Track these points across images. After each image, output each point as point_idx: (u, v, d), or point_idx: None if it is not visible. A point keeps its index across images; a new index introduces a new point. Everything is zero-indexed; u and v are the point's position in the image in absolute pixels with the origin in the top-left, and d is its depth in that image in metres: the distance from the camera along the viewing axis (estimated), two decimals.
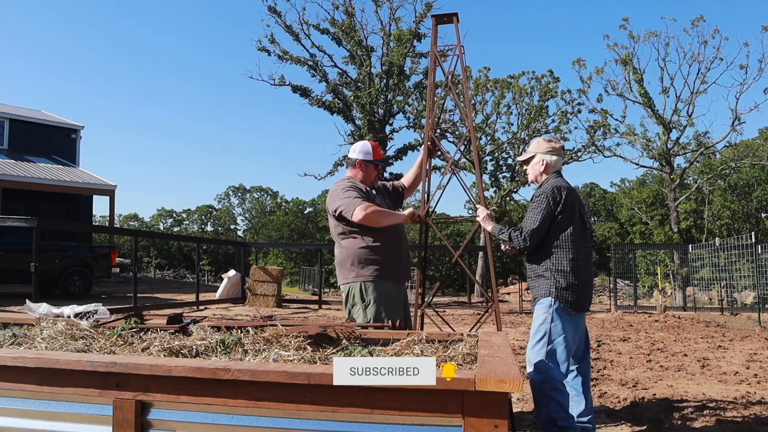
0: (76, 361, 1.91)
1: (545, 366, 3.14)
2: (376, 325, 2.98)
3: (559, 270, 3.23)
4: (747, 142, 32.96)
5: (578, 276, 3.25)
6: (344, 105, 22.56)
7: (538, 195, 3.33)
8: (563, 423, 3.10)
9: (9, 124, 21.09)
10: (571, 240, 3.26)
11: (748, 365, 6.17)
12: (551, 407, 3.11)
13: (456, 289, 22.57)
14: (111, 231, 18.67)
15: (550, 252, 3.27)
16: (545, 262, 3.27)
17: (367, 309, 3.38)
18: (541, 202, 3.27)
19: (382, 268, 3.43)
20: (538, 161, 3.47)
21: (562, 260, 3.24)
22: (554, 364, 3.16)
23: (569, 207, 3.28)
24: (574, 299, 3.23)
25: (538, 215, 3.25)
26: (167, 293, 16.40)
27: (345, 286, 3.50)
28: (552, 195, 3.26)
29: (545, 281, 3.26)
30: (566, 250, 3.25)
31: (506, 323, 10.60)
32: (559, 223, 3.26)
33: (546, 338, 3.18)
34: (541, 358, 3.16)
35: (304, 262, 48.85)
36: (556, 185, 3.31)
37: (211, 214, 69.26)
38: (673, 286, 20.57)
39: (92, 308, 3.06)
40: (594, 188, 58.86)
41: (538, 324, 3.23)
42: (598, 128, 24.76)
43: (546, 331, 3.19)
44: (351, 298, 3.46)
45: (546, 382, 3.13)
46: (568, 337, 3.20)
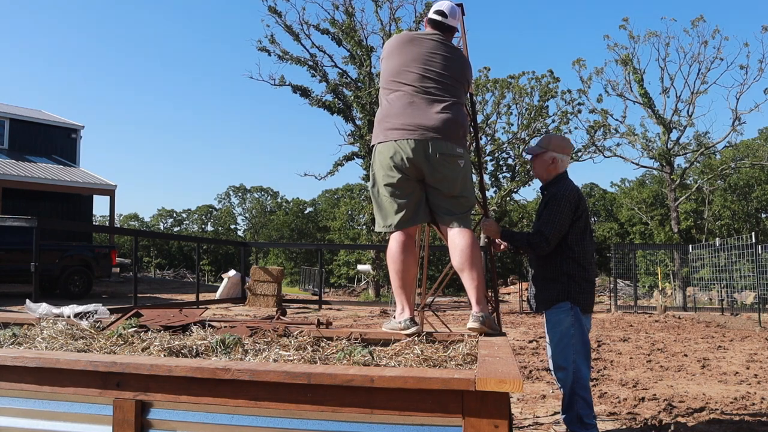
0: (76, 361, 1.91)
1: (576, 367, 3.22)
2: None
3: (573, 274, 3.27)
4: (747, 143, 33.00)
5: (588, 280, 3.32)
6: (344, 105, 22.55)
7: (558, 198, 3.30)
8: (588, 420, 3.22)
9: (9, 124, 21.10)
10: (583, 245, 3.32)
11: (748, 365, 6.17)
12: (579, 405, 3.21)
13: (456, 290, 22.57)
14: (111, 231, 18.67)
15: (565, 257, 3.29)
16: (560, 267, 3.30)
17: None
18: (563, 205, 3.27)
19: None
20: (550, 158, 3.43)
21: (576, 265, 3.28)
22: (583, 364, 3.25)
23: (585, 213, 3.34)
24: (586, 302, 3.32)
25: (559, 218, 3.26)
26: (167, 293, 16.40)
27: None
28: (573, 200, 3.29)
29: (560, 285, 3.28)
30: (579, 255, 3.29)
31: (506, 323, 10.60)
32: (575, 228, 3.30)
33: (573, 340, 3.24)
34: (571, 359, 3.23)
35: (304, 262, 48.86)
36: (575, 190, 3.35)
37: (211, 214, 69.29)
38: (673, 287, 20.57)
39: (92, 308, 3.07)
40: (594, 188, 58.87)
41: (565, 327, 3.26)
42: (599, 128, 24.76)
43: (572, 333, 3.25)
44: None
45: (577, 381, 3.21)
46: (586, 337, 3.31)
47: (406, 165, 2.80)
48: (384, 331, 2.84)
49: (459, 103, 2.94)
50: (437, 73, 2.90)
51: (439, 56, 2.95)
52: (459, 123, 2.87)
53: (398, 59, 2.98)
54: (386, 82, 3.00)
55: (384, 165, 2.86)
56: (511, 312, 13.46)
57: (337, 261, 48.99)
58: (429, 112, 2.82)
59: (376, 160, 2.92)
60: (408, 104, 2.85)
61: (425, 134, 2.77)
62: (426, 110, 2.82)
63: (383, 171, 2.87)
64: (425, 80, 2.88)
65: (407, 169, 2.81)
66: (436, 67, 2.92)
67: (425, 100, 2.85)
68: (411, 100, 2.86)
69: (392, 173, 2.83)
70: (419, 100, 2.85)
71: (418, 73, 2.90)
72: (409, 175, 2.83)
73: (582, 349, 3.25)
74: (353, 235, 47.40)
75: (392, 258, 2.91)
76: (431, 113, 2.81)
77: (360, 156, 22.44)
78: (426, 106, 2.84)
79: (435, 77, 2.89)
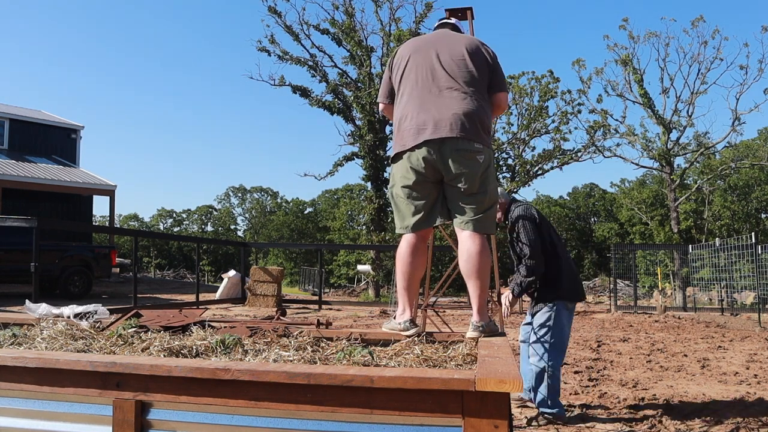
0: (76, 361, 1.91)
1: (548, 355, 3.73)
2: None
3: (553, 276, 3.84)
4: (747, 143, 32.99)
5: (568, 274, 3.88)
6: (344, 105, 22.57)
7: (518, 224, 3.91)
8: (554, 402, 3.75)
9: (9, 124, 21.10)
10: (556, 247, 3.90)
11: (748, 366, 6.17)
12: (547, 390, 3.72)
13: (457, 290, 22.57)
14: (111, 231, 18.67)
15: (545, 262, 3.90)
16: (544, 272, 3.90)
17: None
18: (525, 226, 3.86)
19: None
20: (497, 207, 3.36)
21: (553, 267, 3.85)
22: (556, 354, 3.77)
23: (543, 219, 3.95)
24: (571, 294, 3.88)
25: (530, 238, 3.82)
26: (167, 293, 16.40)
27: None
28: (525, 218, 3.87)
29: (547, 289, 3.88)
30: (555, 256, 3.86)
31: (506, 323, 10.60)
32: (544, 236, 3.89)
33: (549, 333, 3.76)
34: (545, 348, 3.73)
35: (304, 262, 48.86)
36: (524, 209, 3.97)
37: (211, 214, 69.31)
38: (673, 287, 20.58)
39: (92, 308, 3.07)
40: (594, 188, 58.89)
41: (543, 320, 3.80)
42: (598, 128, 24.77)
43: (549, 326, 3.77)
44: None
45: (547, 368, 3.72)
46: (566, 330, 3.85)
47: (423, 166, 2.74)
48: (384, 331, 2.84)
49: (476, 94, 2.79)
50: (446, 67, 2.81)
51: (445, 49, 2.87)
52: (475, 116, 2.73)
53: (405, 63, 2.93)
54: (397, 88, 2.95)
55: (401, 167, 2.82)
56: (511, 312, 13.45)
57: (337, 261, 49.02)
58: (441, 109, 2.73)
59: (394, 164, 2.89)
60: (419, 105, 2.79)
61: (437, 133, 2.69)
62: (437, 108, 2.73)
63: (400, 173, 2.84)
64: (434, 78, 2.81)
65: (424, 170, 2.75)
66: (445, 61, 2.83)
67: (436, 98, 2.77)
68: (423, 100, 2.79)
69: (409, 175, 2.79)
70: (430, 100, 2.77)
71: (425, 74, 2.83)
72: (427, 177, 2.77)
73: (557, 342, 3.77)
74: (353, 236, 47.42)
75: (401, 259, 2.89)
76: (443, 110, 2.72)
77: (360, 156, 22.45)
78: (437, 104, 2.75)
79: (444, 72, 2.80)
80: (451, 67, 2.81)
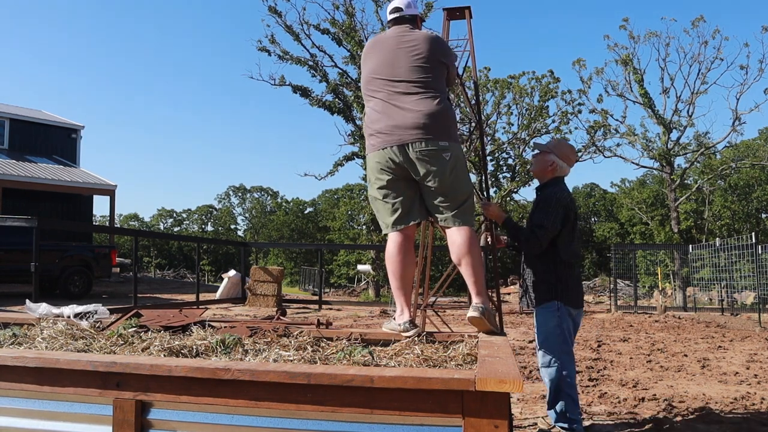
0: (76, 361, 1.91)
1: (563, 365, 3.32)
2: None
3: (561, 275, 3.41)
4: (747, 143, 32.99)
5: (576, 277, 3.53)
6: (344, 105, 22.55)
7: (550, 200, 3.42)
8: (573, 416, 3.31)
9: (9, 124, 21.10)
10: (571, 247, 3.47)
11: (748, 366, 6.17)
12: (564, 402, 3.31)
13: (456, 289, 22.56)
14: (111, 231, 18.67)
15: (554, 259, 3.43)
16: (549, 268, 3.43)
17: None
18: (554, 207, 3.38)
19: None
20: (550, 161, 3.54)
21: (564, 267, 3.43)
22: (570, 362, 3.37)
23: (574, 218, 3.49)
24: (576, 299, 3.48)
25: (551, 219, 3.36)
26: (167, 293, 16.40)
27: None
28: (564, 204, 3.40)
29: (549, 286, 3.41)
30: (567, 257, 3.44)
31: (506, 323, 10.60)
32: (564, 232, 3.42)
33: (561, 338, 3.36)
34: (558, 357, 3.33)
35: (304, 262, 48.86)
36: (567, 196, 3.48)
37: (211, 214, 69.30)
38: (673, 287, 20.57)
39: (92, 308, 3.07)
40: (594, 188, 58.89)
41: (551, 326, 3.38)
42: (599, 128, 24.74)
43: (557, 333, 3.36)
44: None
45: (561, 379, 3.31)
46: (573, 336, 3.48)
47: (391, 167, 2.84)
48: (384, 331, 2.84)
49: (437, 94, 2.85)
50: (406, 69, 2.87)
51: (403, 51, 2.92)
52: (439, 115, 2.80)
53: (367, 66, 3.00)
54: (364, 91, 3.04)
55: (374, 170, 2.92)
56: (511, 312, 13.45)
57: (337, 261, 49.02)
58: (403, 112, 2.80)
59: (368, 168, 2.99)
60: (382, 110, 2.86)
61: (402, 136, 2.77)
62: (400, 111, 2.81)
63: (374, 175, 2.93)
64: (395, 81, 2.87)
65: (394, 170, 2.85)
66: (403, 63, 2.88)
67: (398, 101, 2.83)
68: (384, 104, 2.86)
69: (381, 176, 2.89)
70: (392, 103, 2.84)
71: (386, 78, 2.89)
72: (398, 176, 2.86)
73: (567, 348, 3.38)
74: (353, 235, 47.39)
75: (389, 259, 2.94)
76: (405, 113, 2.79)
77: (360, 156, 22.45)
78: (400, 107, 2.82)
79: (404, 74, 2.86)
80: (411, 68, 2.88)
